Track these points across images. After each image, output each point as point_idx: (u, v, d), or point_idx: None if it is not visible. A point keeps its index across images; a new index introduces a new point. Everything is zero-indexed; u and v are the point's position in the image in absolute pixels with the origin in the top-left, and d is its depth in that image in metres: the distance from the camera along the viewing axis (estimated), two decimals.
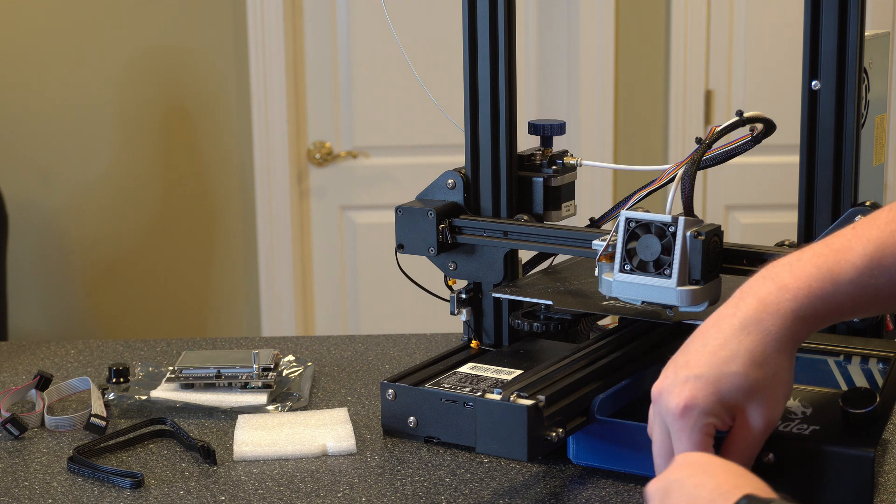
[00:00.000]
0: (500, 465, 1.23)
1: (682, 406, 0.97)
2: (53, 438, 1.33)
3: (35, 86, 3.37)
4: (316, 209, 3.48)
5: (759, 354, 0.97)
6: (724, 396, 0.97)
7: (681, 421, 0.98)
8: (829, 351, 1.21)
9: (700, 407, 0.97)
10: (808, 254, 1.00)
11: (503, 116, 1.39)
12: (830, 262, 0.98)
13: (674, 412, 0.98)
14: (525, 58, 3.37)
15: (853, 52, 1.22)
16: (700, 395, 0.97)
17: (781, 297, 0.98)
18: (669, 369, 1.01)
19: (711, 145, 1.25)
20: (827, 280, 0.98)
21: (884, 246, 0.98)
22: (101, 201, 3.43)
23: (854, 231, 1.00)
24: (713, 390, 0.97)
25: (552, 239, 1.33)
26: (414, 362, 1.50)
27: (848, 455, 1.07)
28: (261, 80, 3.33)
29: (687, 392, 0.97)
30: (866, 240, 0.98)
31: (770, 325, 0.98)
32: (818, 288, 0.98)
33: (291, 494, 1.18)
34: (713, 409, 0.97)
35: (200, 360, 1.43)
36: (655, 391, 1.01)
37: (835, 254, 0.98)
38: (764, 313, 0.98)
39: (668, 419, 0.99)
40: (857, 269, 0.98)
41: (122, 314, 3.52)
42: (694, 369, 0.98)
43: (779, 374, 0.98)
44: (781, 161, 3.12)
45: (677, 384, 0.98)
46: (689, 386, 0.98)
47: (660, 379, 1.01)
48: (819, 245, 1.00)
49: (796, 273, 0.98)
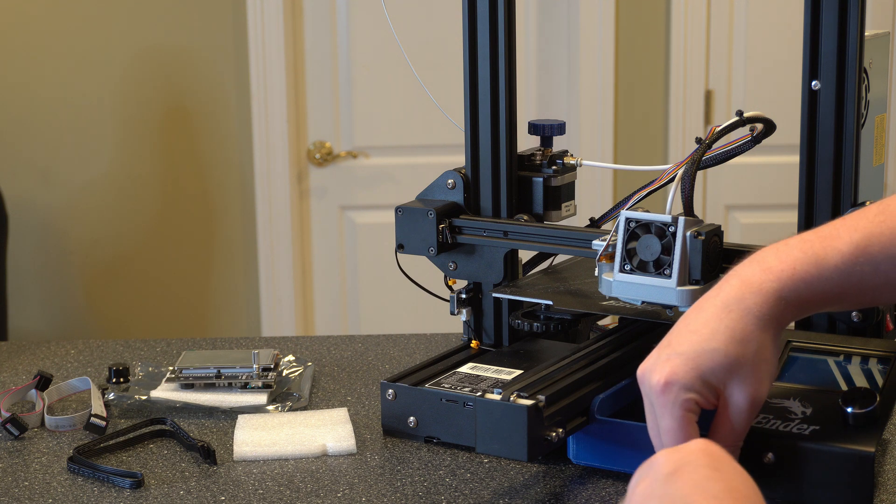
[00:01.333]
0: (500, 465, 1.23)
1: (662, 382, 0.99)
2: (53, 438, 1.33)
3: (35, 86, 3.37)
4: (316, 209, 3.48)
5: (740, 331, 0.99)
6: (705, 372, 0.99)
7: (662, 397, 0.99)
8: (829, 351, 1.21)
9: (680, 382, 0.99)
10: (794, 240, 1.02)
11: (503, 116, 1.39)
12: (816, 248, 1.00)
13: (655, 388, 1.00)
14: (525, 58, 3.37)
15: (853, 52, 1.22)
16: (680, 371, 0.99)
17: (765, 279, 0.99)
18: (654, 351, 1.03)
19: (711, 145, 1.25)
20: (811, 264, 0.99)
21: (871, 236, 0.99)
22: (101, 201, 3.43)
23: (843, 221, 1.02)
24: (693, 366, 0.99)
25: (552, 239, 1.33)
26: (414, 362, 1.50)
27: (848, 455, 1.07)
28: (261, 80, 3.33)
29: (668, 368, 0.99)
30: (853, 229, 1.00)
31: (752, 303, 0.99)
32: (802, 271, 0.99)
33: (291, 494, 1.18)
34: (693, 385, 0.99)
35: (200, 360, 1.43)
36: (640, 372, 1.03)
37: (821, 240, 1.00)
38: (746, 293, 0.99)
39: (652, 397, 1.01)
40: (843, 255, 0.99)
41: (122, 314, 3.52)
42: (676, 347, 1.00)
43: (761, 352, 0.99)
44: (781, 161, 3.12)
45: (659, 362, 1.01)
46: (669, 363, 1.00)
47: (645, 360, 1.03)
48: (808, 233, 1.02)
49: (781, 256, 1.00)
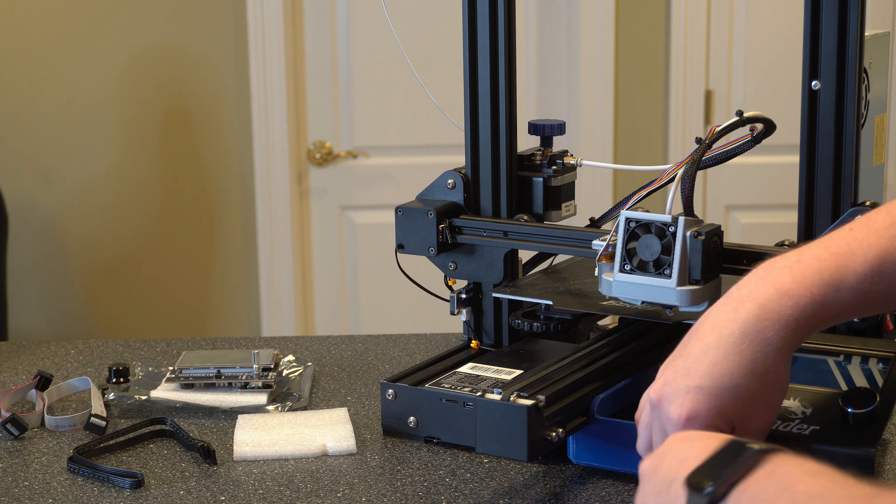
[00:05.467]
0: (500, 465, 1.23)
1: (684, 418, 0.98)
2: (53, 438, 1.33)
3: (35, 86, 3.37)
4: (316, 209, 3.48)
5: (761, 366, 0.97)
6: (725, 408, 0.98)
7: (682, 430, 0.98)
8: (829, 351, 1.21)
9: (702, 420, 0.98)
10: (807, 256, 0.99)
11: (503, 116, 1.39)
12: (832, 269, 0.98)
13: (675, 422, 0.98)
14: (525, 58, 3.37)
15: (853, 52, 1.22)
16: (703, 409, 0.97)
17: (783, 305, 0.97)
18: (669, 374, 1.00)
19: (711, 145, 1.25)
20: (829, 286, 0.97)
21: (885, 252, 0.98)
22: (101, 201, 3.43)
23: (853, 234, 1.00)
24: (715, 403, 0.97)
25: (552, 239, 1.33)
26: (414, 362, 1.50)
27: (848, 455, 1.07)
28: (261, 80, 3.33)
29: (689, 403, 0.98)
30: (867, 245, 0.98)
31: (771, 334, 0.97)
32: (820, 295, 0.97)
33: (291, 494, 1.18)
34: (714, 422, 0.98)
35: (200, 360, 1.43)
36: (655, 397, 1.00)
37: (835, 258, 0.98)
38: (765, 321, 0.97)
39: (669, 427, 0.99)
40: (859, 276, 0.98)
41: (122, 314, 3.52)
42: (695, 379, 0.98)
43: (778, 382, 0.99)
44: (781, 161, 3.12)
45: (679, 394, 0.98)
46: (690, 397, 0.98)
47: (659, 383, 1.00)
48: (818, 248, 1.00)
49: (797, 278, 0.98)
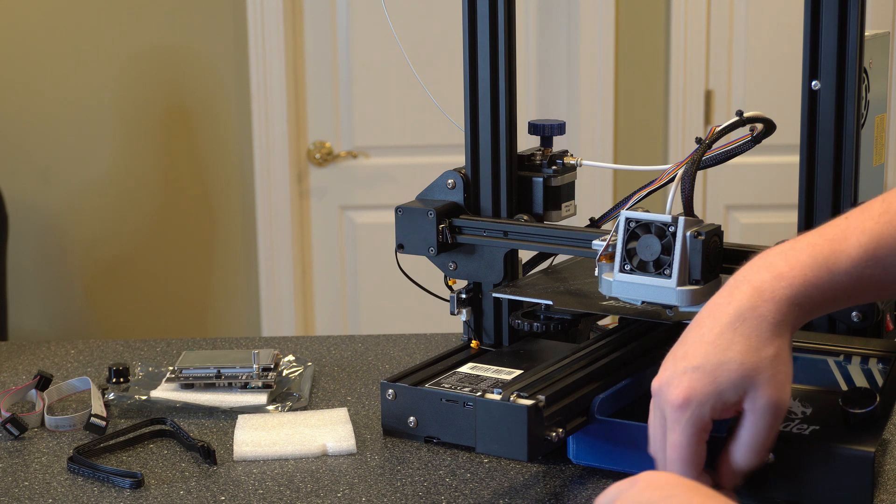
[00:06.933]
0: (500, 465, 1.23)
1: (681, 398, 0.98)
2: (53, 438, 1.33)
3: (35, 86, 3.37)
4: (316, 209, 3.48)
5: (756, 339, 0.98)
6: (722, 385, 0.98)
7: (679, 413, 0.98)
8: (829, 351, 1.21)
9: (698, 398, 0.98)
10: (801, 243, 1.01)
11: (503, 116, 1.39)
12: (826, 252, 0.99)
13: (673, 403, 0.98)
14: (525, 58, 3.37)
15: (853, 52, 1.22)
16: (698, 387, 0.98)
17: (776, 286, 0.99)
18: (668, 362, 1.01)
19: (711, 145, 1.25)
20: (822, 269, 0.99)
21: (879, 237, 0.99)
22: (101, 201, 3.43)
23: (847, 221, 1.01)
24: (711, 380, 0.98)
25: (552, 239, 1.33)
26: (414, 362, 1.50)
27: (848, 455, 1.07)
28: (261, 80, 3.33)
29: (686, 383, 0.98)
30: (861, 231, 1.00)
31: (766, 311, 0.98)
32: (813, 276, 0.99)
33: (291, 494, 1.18)
34: (711, 401, 0.98)
35: (200, 360, 1.43)
36: (655, 385, 1.01)
37: (829, 244, 1.00)
38: (759, 300, 0.99)
39: (667, 410, 0.99)
40: (852, 259, 0.99)
41: (122, 314, 3.52)
42: (692, 360, 0.99)
43: (778, 356, 0.99)
44: (781, 161, 3.12)
45: (676, 376, 0.99)
46: (687, 377, 0.98)
47: (660, 373, 1.01)
48: (813, 235, 1.01)
49: (791, 262, 1.00)
